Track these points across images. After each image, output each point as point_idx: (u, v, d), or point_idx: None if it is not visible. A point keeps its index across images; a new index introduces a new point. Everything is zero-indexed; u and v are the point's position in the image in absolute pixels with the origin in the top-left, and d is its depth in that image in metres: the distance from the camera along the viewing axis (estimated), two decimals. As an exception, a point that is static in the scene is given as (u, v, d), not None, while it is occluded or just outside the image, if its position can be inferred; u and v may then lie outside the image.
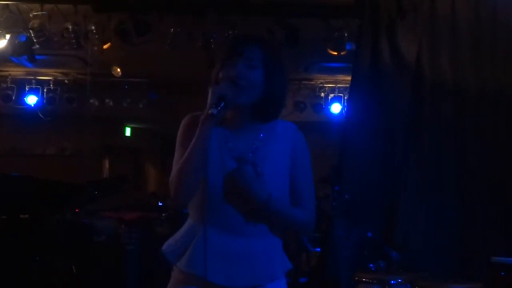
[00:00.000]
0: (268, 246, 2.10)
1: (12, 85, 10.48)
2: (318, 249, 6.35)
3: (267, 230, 2.10)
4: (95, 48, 7.47)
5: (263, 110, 2.09)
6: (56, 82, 10.70)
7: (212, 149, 2.00)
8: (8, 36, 7.36)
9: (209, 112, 1.94)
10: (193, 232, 2.08)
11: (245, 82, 2.02)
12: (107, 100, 10.95)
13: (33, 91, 10.60)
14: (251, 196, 1.99)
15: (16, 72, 10.37)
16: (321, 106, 10.84)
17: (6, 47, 7.45)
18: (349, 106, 6.46)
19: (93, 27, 7.18)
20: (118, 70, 9.35)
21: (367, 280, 4.37)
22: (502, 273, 3.86)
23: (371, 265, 4.59)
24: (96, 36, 7.25)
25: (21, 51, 7.41)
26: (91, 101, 10.62)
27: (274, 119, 2.14)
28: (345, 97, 10.30)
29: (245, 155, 2.06)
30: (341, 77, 10.29)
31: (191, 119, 2.12)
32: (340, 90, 10.69)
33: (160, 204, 10.06)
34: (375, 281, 4.33)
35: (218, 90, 1.97)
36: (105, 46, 7.44)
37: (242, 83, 2.01)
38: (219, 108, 1.94)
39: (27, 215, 4.72)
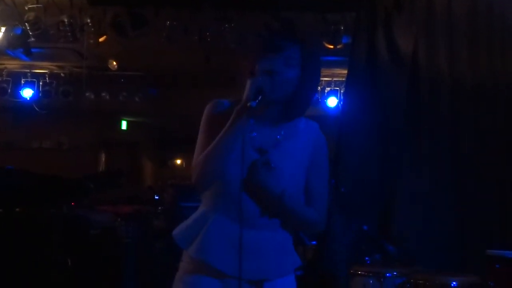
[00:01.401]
0: (279, 240, 2.10)
1: (8, 78, 10.46)
2: (314, 242, 6.36)
3: (279, 225, 2.09)
4: (91, 41, 7.45)
5: (291, 108, 2.09)
6: (52, 75, 10.67)
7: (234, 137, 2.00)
8: (3, 29, 7.33)
9: (248, 104, 1.95)
10: (205, 219, 2.07)
11: (281, 79, 2.02)
12: (103, 94, 10.93)
13: (28, 84, 10.56)
14: (265, 190, 2.00)
15: (12, 65, 10.34)
16: (317, 100, 10.84)
17: (2, 40, 7.43)
18: (345, 100, 6.46)
19: (88, 20, 7.15)
20: (114, 63, 9.32)
21: (362, 273, 4.38)
22: (497, 266, 3.87)
23: (366, 258, 4.60)
24: (92, 29, 7.23)
25: (17, 44, 7.40)
26: (87, 94, 10.60)
27: (299, 116, 2.14)
28: (341, 91, 10.31)
29: (266, 147, 2.06)
30: (337, 70, 10.28)
31: (216, 106, 2.12)
32: (336, 83, 10.70)
33: (156, 197, 10.08)
34: (370, 274, 4.34)
35: (257, 83, 1.98)
36: (101, 39, 7.42)
37: (278, 78, 2.01)
38: (257, 101, 1.95)
39: (23, 209, 4.72)
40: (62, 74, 10.69)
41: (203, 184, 2.06)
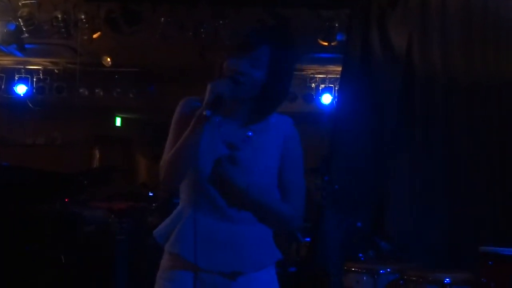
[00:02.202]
0: (256, 233, 2.09)
1: (1, 74, 10.40)
2: (308, 239, 6.37)
3: (256, 218, 2.09)
4: (85, 37, 7.42)
5: (260, 106, 2.08)
6: (46, 71, 10.62)
7: (203, 132, 1.99)
8: (-3, 25, 7.31)
9: (204, 113, 1.92)
10: (181, 214, 2.09)
11: (245, 79, 2.00)
12: (97, 90, 10.88)
13: (22, 80, 10.51)
14: (230, 185, 2.01)
15: (5, 61, 10.28)
16: (312, 97, 10.83)
17: (-5, 35, 7.40)
18: (339, 97, 6.46)
19: (83, 16, 7.13)
20: (108, 59, 9.29)
21: (356, 269, 4.39)
22: (490, 263, 3.88)
23: (360, 255, 4.61)
24: (86, 25, 7.20)
25: (10, 40, 7.36)
26: (81, 90, 10.56)
27: (270, 114, 2.12)
28: (336, 88, 10.31)
29: (236, 142, 2.06)
30: (331, 67, 10.27)
31: (187, 103, 2.11)
32: (331, 80, 10.68)
33: (150, 194, 10.05)
34: (364, 271, 4.35)
35: (216, 88, 1.95)
36: (95, 36, 7.39)
37: (242, 79, 1.99)
38: (214, 109, 1.93)
39: (16, 205, 4.71)
40: (56, 70, 10.64)
41: (170, 183, 2.09)
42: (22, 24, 7.05)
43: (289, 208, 2.11)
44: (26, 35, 7.25)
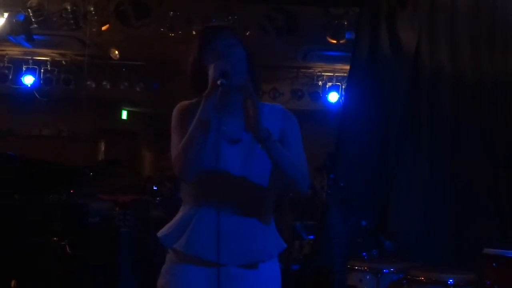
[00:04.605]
0: (263, 224, 2.14)
1: (9, 65, 10.42)
2: (311, 237, 6.37)
3: (261, 210, 2.15)
4: (94, 29, 7.43)
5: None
6: (54, 62, 10.64)
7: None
8: (6, 15, 7.30)
9: (218, 82, 1.98)
10: (189, 216, 2.13)
11: (234, 61, 2.05)
12: (104, 83, 10.91)
13: (30, 71, 10.53)
14: (257, 125, 2.00)
15: (13, 51, 10.30)
16: (319, 95, 10.82)
17: (4, 26, 7.39)
18: (347, 95, 6.45)
19: (92, 8, 7.13)
20: (116, 52, 9.30)
21: (359, 268, 4.39)
22: (494, 264, 3.87)
23: (364, 253, 4.61)
24: (95, 17, 7.21)
25: (19, 30, 7.36)
26: (88, 83, 10.57)
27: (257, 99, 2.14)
28: (343, 86, 10.30)
29: (238, 136, 2.11)
30: (339, 66, 10.26)
31: (182, 107, 2.20)
32: (338, 79, 10.67)
33: (154, 188, 10.08)
34: (368, 270, 4.34)
35: (220, 65, 2.01)
36: (103, 28, 7.40)
37: (232, 61, 2.04)
38: (224, 80, 1.98)
39: (22, 195, 4.72)
40: (63, 62, 10.66)
41: (188, 173, 2.06)
42: (31, 14, 7.06)
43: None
44: (35, 26, 7.26)
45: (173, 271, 2.14)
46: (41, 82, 10.61)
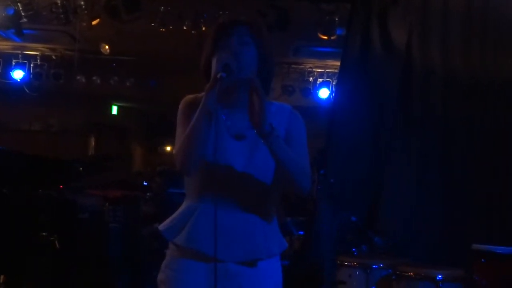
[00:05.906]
0: (265, 222, 2.13)
1: (-1, 59, 10.39)
2: (301, 232, 6.37)
3: (263, 208, 2.14)
4: (84, 24, 7.40)
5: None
6: (43, 57, 10.60)
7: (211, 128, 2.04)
8: (-5, 9, 7.27)
9: (218, 76, 1.97)
10: (191, 210, 2.12)
11: (242, 57, 2.05)
12: (94, 77, 10.88)
13: (19, 65, 10.49)
14: (261, 119, 1.99)
15: (3, 46, 10.25)
16: (309, 91, 10.85)
17: (-6, 20, 7.36)
18: (337, 92, 6.46)
19: (82, 3, 7.11)
20: (106, 47, 9.27)
21: (349, 264, 4.40)
22: (483, 260, 3.89)
23: (353, 249, 4.62)
24: (85, 11, 7.18)
25: (8, 24, 7.33)
26: (78, 77, 10.55)
27: (265, 97, 2.12)
28: (334, 82, 10.31)
29: (243, 132, 2.10)
30: (330, 62, 10.28)
31: (188, 100, 2.19)
32: (329, 75, 10.70)
33: (145, 183, 10.06)
34: (357, 265, 4.36)
35: (223, 59, 2.01)
36: (93, 22, 7.37)
37: (239, 57, 2.04)
38: (225, 73, 1.98)
39: (11, 189, 4.69)
40: (53, 57, 10.62)
41: (189, 165, 2.06)
42: (21, 9, 7.02)
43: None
44: (25, 20, 7.22)
45: (173, 266, 2.13)
46: (31, 76, 10.56)
